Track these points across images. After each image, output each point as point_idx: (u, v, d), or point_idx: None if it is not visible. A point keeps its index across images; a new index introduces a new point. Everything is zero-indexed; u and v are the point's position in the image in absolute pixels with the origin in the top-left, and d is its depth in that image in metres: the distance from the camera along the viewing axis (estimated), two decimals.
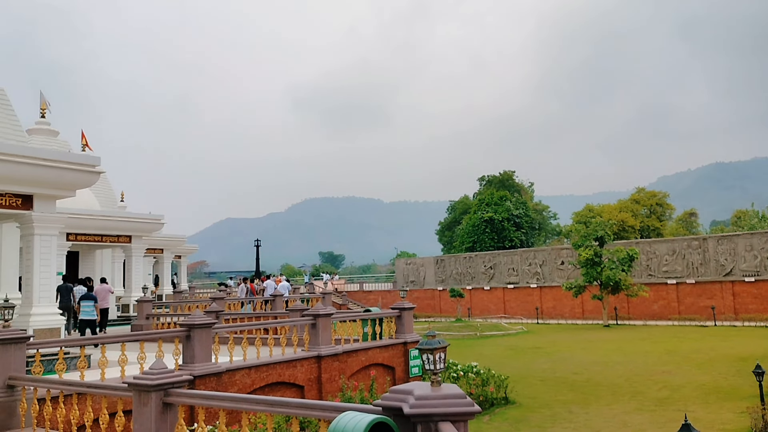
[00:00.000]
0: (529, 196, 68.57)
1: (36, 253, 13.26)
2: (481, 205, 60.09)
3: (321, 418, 5.26)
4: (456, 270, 49.77)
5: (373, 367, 14.58)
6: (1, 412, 7.94)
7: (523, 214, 59.15)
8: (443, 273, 50.68)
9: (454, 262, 50.48)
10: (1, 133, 18.45)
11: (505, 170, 69.27)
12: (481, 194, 65.83)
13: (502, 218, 57.04)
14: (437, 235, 75.29)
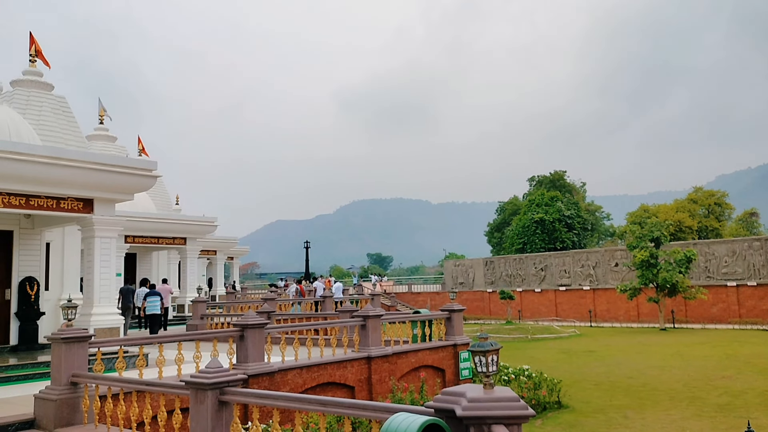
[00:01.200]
0: (580, 196, 67.23)
1: (96, 255, 13.75)
2: (531, 205, 59.23)
3: (373, 418, 5.29)
4: (506, 272, 49.19)
5: (422, 369, 14.55)
6: (66, 407, 8.26)
7: (575, 214, 58.03)
8: (493, 275, 50.16)
9: (503, 263, 49.91)
10: (63, 139, 19.22)
11: (556, 170, 68.12)
12: (531, 195, 64.88)
13: (553, 219, 56.10)
14: (486, 237, 74.59)
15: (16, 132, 13.68)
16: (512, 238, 59.35)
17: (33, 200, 12.61)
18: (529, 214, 57.70)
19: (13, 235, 15.00)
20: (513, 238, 59.01)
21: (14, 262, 14.98)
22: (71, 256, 17.38)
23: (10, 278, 14.90)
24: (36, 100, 19.73)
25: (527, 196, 66.97)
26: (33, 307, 15.15)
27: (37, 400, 8.49)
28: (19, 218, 14.87)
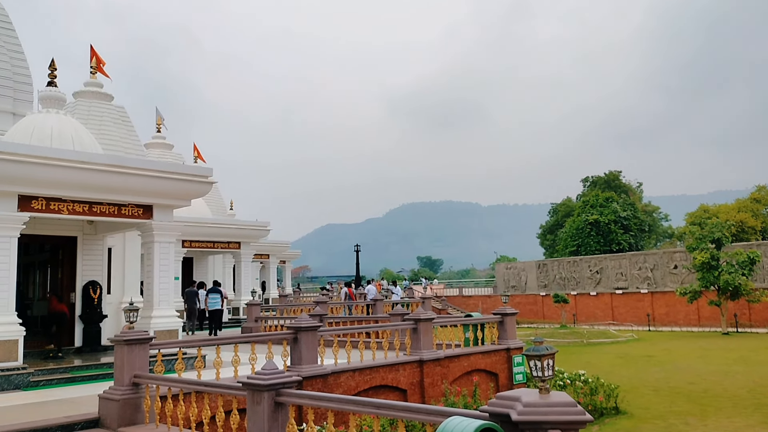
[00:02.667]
0: (637, 197, 65.46)
1: (156, 259, 14.19)
2: (585, 207, 58.02)
3: (426, 422, 5.28)
4: (559, 275, 48.32)
5: (475, 373, 14.43)
6: (128, 407, 8.54)
7: (632, 215, 56.53)
8: (546, 278, 49.35)
9: (557, 266, 49.04)
10: (123, 148, 19.90)
11: (611, 170, 66.53)
12: (585, 196, 63.54)
13: (609, 220, 54.80)
14: (538, 239, 73.46)
15: (79, 142, 14.26)
16: (566, 240, 58.26)
17: (96, 207, 13.11)
18: (583, 216, 56.54)
19: (77, 241, 15.63)
20: (566, 241, 57.91)
21: (78, 267, 15.61)
22: (132, 261, 17.98)
23: (74, 282, 15.53)
24: (97, 111, 20.50)
25: (581, 197, 65.62)
26: (96, 310, 15.74)
27: (102, 400, 8.80)
28: (82, 225, 15.49)
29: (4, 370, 11.50)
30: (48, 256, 16.20)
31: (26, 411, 9.39)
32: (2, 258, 11.87)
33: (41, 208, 12.38)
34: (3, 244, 11.89)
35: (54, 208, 12.54)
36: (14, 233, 12.07)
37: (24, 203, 12.12)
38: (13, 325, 11.91)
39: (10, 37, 17.31)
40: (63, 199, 12.62)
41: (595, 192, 60.80)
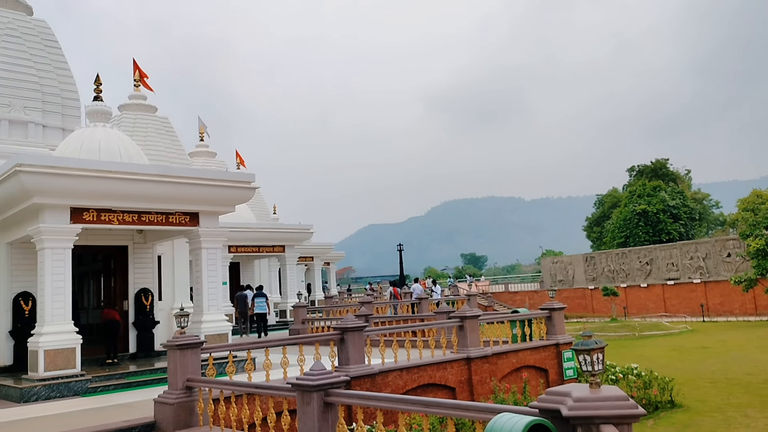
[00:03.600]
0: (686, 185, 63.63)
1: (204, 265, 14.49)
2: (632, 197, 56.70)
3: (476, 419, 5.26)
4: (608, 267, 47.38)
5: (524, 370, 14.27)
6: (182, 410, 8.75)
7: (681, 204, 54.98)
8: (594, 271, 48.45)
9: (605, 258, 48.09)
10: (168, 157, 20.37)
11: (657, 158, 64.83)
12: (631, 186, 62.06)
13: (657, 210, 53.43)
14: (585, 232, 72.13)
15: (126, 154, 14.67)
16: (613, 231, 57.05)
17: (144, 216, 13.46)
18: (630, 206, 55.28)
19: (128, 250, 16.08)
20: (614, 232, 56.71)
21: (130, 275, 16.06)
22: (181, 268, 18.40)
23: (127, 290, 15.98)
24: (142, 123, 21.04)
25: (627, 187, 64.14)
26: (149, 317, 16.16)
27: (157, 404, 9.04)
28: (132, 234, 15.93)
29: (64, 378, 11.93)
30: (101, 265, 16.71)
31: (86, 416, 9.71)
32: (58, 269, 12.30)
33: (92, 219, 12.78)
34: (58, 256, 12.32)
35: (105, 218, 12.93)
36: (68, 244, 12.50)
37: (76, 215, 12.54)
38: (71, 334, 12.33)
39: (57, 55, 17.93)
40: (113, 210, 13.01)
41: (642, 181, 59.35)
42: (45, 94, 17.00)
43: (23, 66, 16.78)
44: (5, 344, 14.15)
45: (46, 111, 16.93)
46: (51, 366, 11.88)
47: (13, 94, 16.35)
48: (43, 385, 11.62)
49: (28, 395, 11.44)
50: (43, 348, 11.88)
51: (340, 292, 47.80)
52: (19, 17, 17.47)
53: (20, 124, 16.36)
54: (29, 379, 11.96)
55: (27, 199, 12.06)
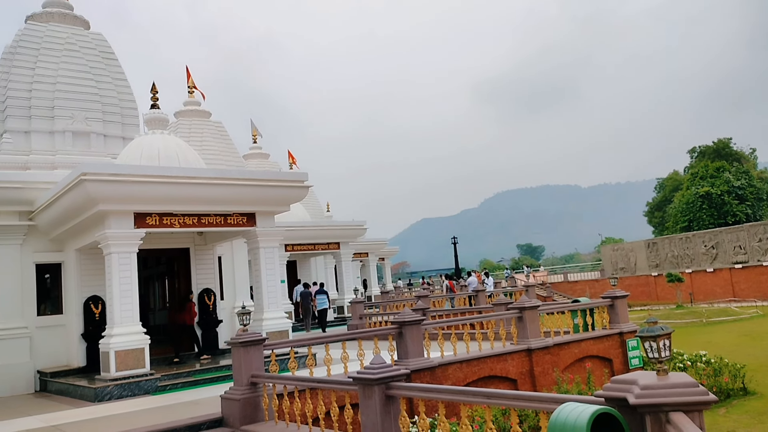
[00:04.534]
0: (751, 164, 60.95)
1: (262, 264, 14.79)
2: (694, 179, 54.68)
3: (540, 409, 5.19)
4: (671, 253, 45.86)
5: (587, 360, 13.99)
6: (248, 406, 8.96)
7: (746, 184, 52.68)
8: (656, 257, 46.98)
9: (668, 244, 46.56)
10: (224, 160, 20.85)
11: (720, 138, 62.32)
12: (693, 167, 59.86)
13: (721, 191, 51.36)
14: (646, 217, 70.05)
15: (184, 159, 15.09)
16: (676, 216, 55.19)
17: (204, 218, 13.84)
18: (693, 189, 53.34)
19: (190, 252, 16.55)
20: (676, 217, 54.85)
21: (193, 276, 16.53)
22: (240, 267, 18.83)
23: (190, 291, 16.44)
24: (197, 128, 21.60)
25: (689, 169, 61.91)
26: (212, 316, 16.61)
27: (224, 400, 9.29)
28: (193, 236, 16.38)
29: (134, 377, 12.39)
30: (165, 268, 17.25)
31: (157, 414, 10.07)
32: (124, 273, 12.78)
33: (155, 223, 13.22)
34: (124, 260, 12.80)
35: (166, 222, 13.36)
36: (133, 249, 12.97)
37: (139, 220, 13.00)
38: (139, 335, 12.80)
39: (114, 66, 18.59)
40: (174, 214, 13.42)
41: (704, 162, 57.15)
42: (105, 105, 17.65)
43: (83, 79, 17.47)
44: (78, 346, 14.80)
45: (106, 121, 17.58)
46: (122, 366, 12.36)
47: (75, 106, 17.05)
48: (115, 384, 12.10)
49: (102, 394, 11.94)
50: (114, 349, 12.37)
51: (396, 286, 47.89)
52: (77, 32, 18.19)
53: (83, 135, 17.04)
54: (102, 379, 12.49)
55: (92, 207, 12.57)
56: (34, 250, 15.33)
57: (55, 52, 17.42)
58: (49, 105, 16.84)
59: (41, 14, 18.26)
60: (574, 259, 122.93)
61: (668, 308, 37.09)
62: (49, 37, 17.57)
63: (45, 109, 16.77)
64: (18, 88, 16.70)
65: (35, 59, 17.16)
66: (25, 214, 15.09)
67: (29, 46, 17.32)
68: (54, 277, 15.65)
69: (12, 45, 17.67)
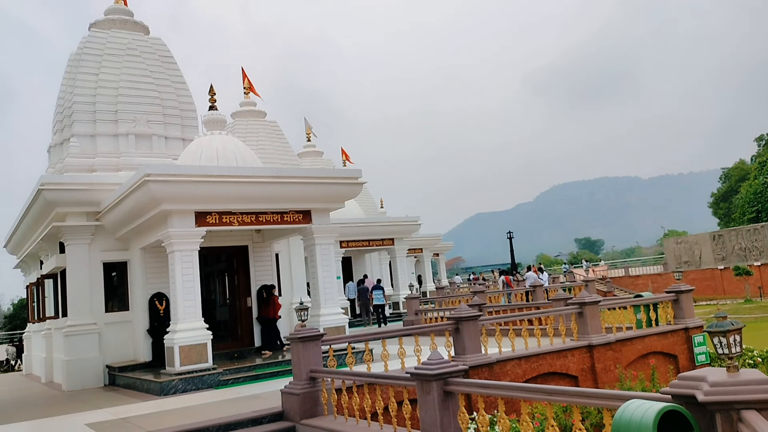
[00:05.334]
0: None
1: (318, 261, 14.97)
2: (762, 168, 52.39)
3: (603, 407, 5.07)
4: (738, 245, 44.04)
5: (651, 356, 13.59)
6: (308, 400, 9.09)
7: None
8: (723, 250, 45.21)
9: (735, 236, 44.74)
10: (279, 159, 21.18)
11: None
12: (761, 156, 57.27)
13: None
14: (710, 208, 67.53)
15: (242, 158, 15.41)
16: (743, 207, 53.00)
17: (261, 216, 14.11)
18: (761, 178, 51.11)
19: (248, 249, 16.90)
20: (744, 207, 52.66)
21: (251, 273, 16.87)
22: (297, 264, 19.12)
23: (249, 287, 16.81)
24: (253, 128, 22.02)
25: (756, 158, 59.27)
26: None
27: (284, 394, 9.45)
28: (251, 234, 16.72)
29: (198, 371, 12.75)
30: (224, 265, 17.68)
31: (220, 407, 10.34)
32: (187, 270, 13.17)
33: (215, 222, 13.56)
34: (186, 257, 13.19)
35: (226, 221, 13.69)
36: (195, 247, 13.34)
37: (200, 219, 13.36)
38: (202, 330, 13.17)
39: (173, 70, 19.13)
40: (233, 212, 13.74)
41: None
42: (165, 108, 18.19)
43: (144, 83, 18.05)
44: (144, 342, 15.34)
45: (167, 123, 18.11)
46: (186, 361, 12.75)
47: (137, 109, 17.64)
48: (179, 378, 12.49)
49: (167, 388, 12.34)
50: (178, 344, 12.77)
51: (451, 282, 47.65)
52: (137, 38, 18.80)
53: (145, 137, 17.61)
54: (167, 373, 12.91)
55: (156, 207, 12.99)
56: (102, 249, 15.96)
57: (117, 57, 18.05)
58: (113, 109, 17.47)
59: (104, 21, 18.96)
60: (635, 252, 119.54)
61: (736, 303, 35.65)
62: (112, 44, 18.22)
63: (109, 113, 17.41)
64: (83, 94, 17.39)
65: (99, 65, 17.83)
66: (92, 214, 15.73)
67: (93, 52, 18.00)
68: (120, 274, 16.25)
69: (77, 52, 18.41)
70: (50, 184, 15.14)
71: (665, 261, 50.83)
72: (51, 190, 15.10)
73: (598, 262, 64.64)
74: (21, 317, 42.32)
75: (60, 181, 15.41)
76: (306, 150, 31.23)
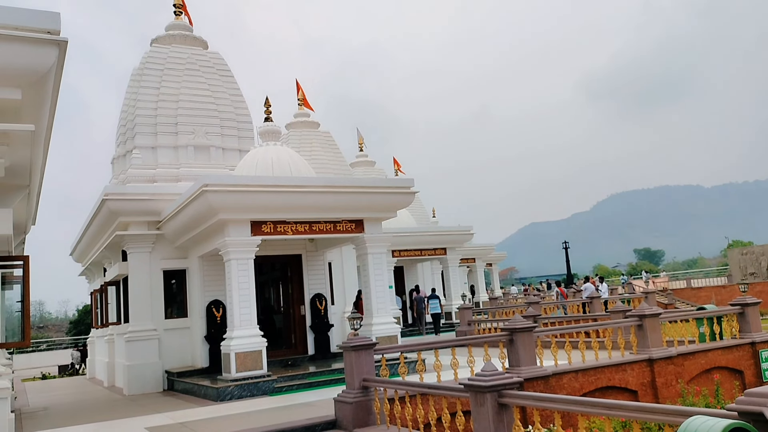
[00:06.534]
0: None
1: (371, 270, 15.03)
2: None
3: (664, 422, 4.89)
4: None
5: (715, 371, 13.05)
6: (361, 409, 9.10)
7: None
8: None
9: None
10: (332, 169, 21.42)
11: None
12: None
13: None
14: None
15: (296, 168, 15.66)
16: None
17: (315, 226, 14.28)
18: None
19: (302, 258, 17.12)
20: None
21: (305, 282, 17.07)
22: (349, 273, 19.24)
23: (303, 296, 17.01)
24: (307, 138, 22.35)
25: None
26: (323, 320, 17.07)
27: (337, 402, 9.49)
28: (305, 243, 16.94)
29: (253, 378, 12.96)
30: (279, 273, 17.96)
31: (275, 414, 10.48)
32: (243, 278, 13.44)
33: (270, 231, 13.81)
34: (242, 266, 13.46)
35: (280, 230, 13.92)
36: (250, 255, 13.61)
37: (256, 228, 13.63)
38: (257, 337, 13.39)
39: (231, 83, 19.64)
40: (287, 222, 13.96)
41: None
42: (223, 120, 18.68)
43: (203, 96, 18.58)
44: (201, 348, 15.70)
45: (224, 135, 18.58)
46: (241, 367, 12.98)
47: (196, 122, 18.17)
48: (235, 385, 12.71)
49: (224, 394, 12.58)
50: (234, 351, 13.01)
51: (505, 292, 47.03)
52: (197, 52, 19.39)
53: (203, 149, 18.10)
54: (223, 379, 13.16)
55: (213, 216, 13.32)
56: (162, 257, 16.46)
57: (177, 71, 18.65)
58: (173, 121, 18.04)
59: (164, 37, 19.64)
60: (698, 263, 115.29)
61: None
62: (172, 58, 18.84)
63: (169, 126, 17.99)
64: (145, 107, 18.03)
65: (160, 79, 18.46)
66: (153, 223, 16.26)
67: (154, 67, 18.67)
68: (179, 282, 16.72)
69: (139, 67, 19.12)
70: (114, 195, 15.75)
71: (729, 272, 48.83)
72: (114, 200, 15.70)
73: (659, 273, 62.62)
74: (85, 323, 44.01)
75: (123, 191, 16.01)
76: (358, 160, 31.49)
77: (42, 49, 4.97)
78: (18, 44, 4.89)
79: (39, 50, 4.97)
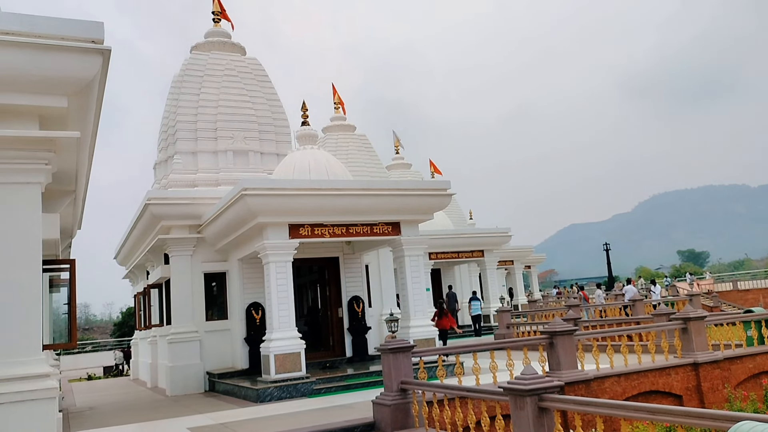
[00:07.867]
0: None
1: (408, 272, 15.01)
2: None
3: (711, 428, 4.76)
4: None
5: (763, 376, 12.64)
6: (399, 412, 9.09)
7: None
8: None
9: None
10: (368, 172, 21.47)
11: None
12: None
13: None
14: None
15: (332, 172, 15.76)
16: None
17: (351, 228, 14.34)
18: None
19: (339, 261, 17.21)
20: None
21: (342, 284, 17.16)
22: (386, 276, 19.25)
23: (340, 298, 17.09)
24: (343, 142, 22.47)
25: None
26: (361, 323, 17.11)
27: (375, 405, 9.50)
28: (342, 246, 17.02)
29: (292, 380, 13.07)
30: (316, 276, 18.08)
31: (314, 415, 10.55)
32: (281, 280, 13.57)
33: (307, 234, 13.92)
34: (281, 268, 13.60)
35: (318, 232, 14.02)
36: (288, 258, 13.75)
37: (293, 231, 13.76)
38: (296, 339, 13.51)
39: (268, 88, 19.88)
40: (324, 224, 14.06)
41: None
42: (261, 125, 18.92)
43: (242, 101, 18.86)
44: (241, 350, 15.90)
45: (262, 139, 18.82)
46: (281, 369, 13.11)
47: (235, 127, 18.44)
48: (275, 386, 12.84)
49: (263, 396, 12.72)
50: (273, 353, 13.15)
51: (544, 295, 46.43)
52: (235, 58, 19.70)
53: (242, 153, 18.37)
54: (263, 381, 13.31)
55: (252, 219, 13.50)
56: (203, 260, 16.75)
57: (216, 78, 18.98)
58: (212, 127, 18.35)
59: (204, 44, 20.00)
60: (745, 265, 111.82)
61: None
62: (211, 65, 19.18)
63: (209, 131, 18.31)
64: (186, 113, 18.39)
65: (200, 85, 18.81)
66: (194, 227, 16.57)
67: (194, 73, 19.03)
68: (219, 284, 16.99)
69: (180, 74, 19.51)
70: (156, 199, 16.10)
71: None
72: (157, 204, 16.04)
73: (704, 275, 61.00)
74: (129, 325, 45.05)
75: (165, 196, 16.35)
76: (395, 162, 31.51)
77: (87, 57, 5.10)
78: (64, 54, 5.03)
79: (84, 59, 5.10)
